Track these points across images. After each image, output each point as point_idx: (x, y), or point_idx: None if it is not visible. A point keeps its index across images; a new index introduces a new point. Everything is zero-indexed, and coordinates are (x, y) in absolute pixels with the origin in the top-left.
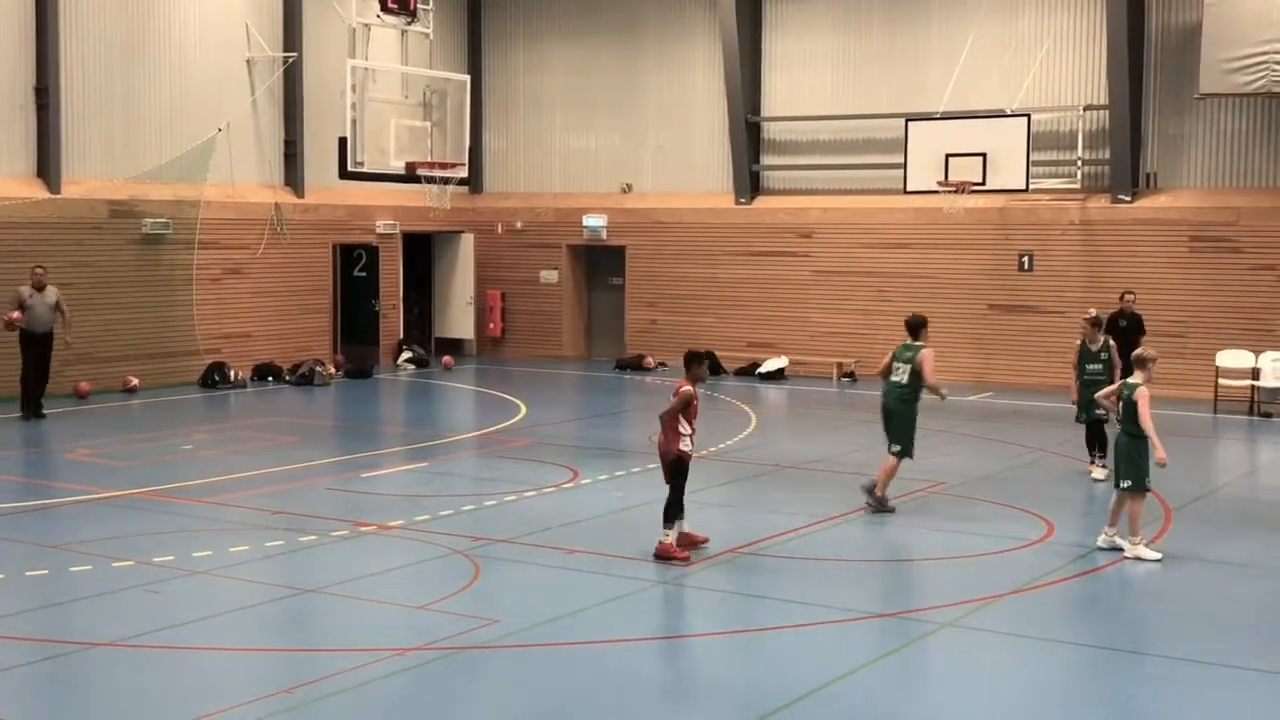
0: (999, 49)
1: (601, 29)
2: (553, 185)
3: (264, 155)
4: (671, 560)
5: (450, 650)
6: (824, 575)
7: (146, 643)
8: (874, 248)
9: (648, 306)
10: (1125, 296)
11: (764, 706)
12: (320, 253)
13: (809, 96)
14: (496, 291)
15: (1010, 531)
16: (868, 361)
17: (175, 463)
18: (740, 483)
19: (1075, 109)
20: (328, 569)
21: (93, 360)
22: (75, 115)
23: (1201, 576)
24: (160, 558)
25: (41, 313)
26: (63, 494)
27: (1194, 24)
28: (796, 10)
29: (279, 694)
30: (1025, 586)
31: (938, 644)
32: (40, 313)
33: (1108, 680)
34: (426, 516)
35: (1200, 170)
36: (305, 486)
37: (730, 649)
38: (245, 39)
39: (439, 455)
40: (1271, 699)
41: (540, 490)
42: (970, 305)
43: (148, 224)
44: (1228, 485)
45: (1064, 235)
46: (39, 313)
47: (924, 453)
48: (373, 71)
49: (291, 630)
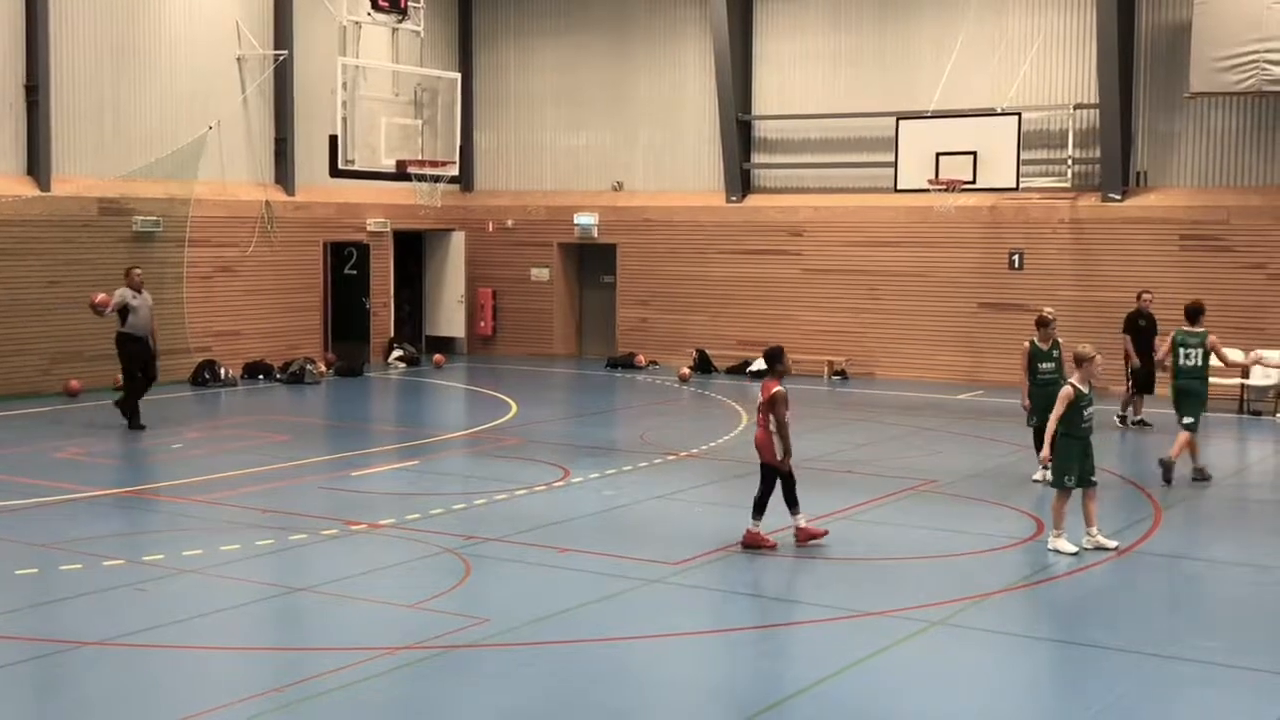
0: (989, 48)
1: (592, 27)
2: (544, 183)
3: (254, 153)
4: (761, 548)
5: (441, 649)
6: (813, 573)
7: (136, 641)
8: (865, 246)
9: (639, 305)
10: (1142, 296)
11: (754, 705)
12: (311, 251)
13: (800, 95)
14: (487, 290)
15: (1000, 530)
16: (859, 360)
17: (165, 461)
18: (731, 481)
19: (1065, 108)
20: (318, 567)
21: (83, 359)
22: (65, 113)
23: (1191, 575)
24: (150, 556)
25: (145, 316)
26: (52, 492)
27: (1184, 23)
28: (787, 8)
29: (269, 693)
30: (1015, 585)
31: (927, 642)
32: (144, 315)
33: (1097, 679)
34: (417, 515)
35: (1190, 169)
36: (296, 485)
37: (720, 647)
38: (236, 37)
39: (430, 454)
40: (1261, 698)
41: (531, 489)
42: (960, 304)
43: (138, 222)
44: (1217, 483)
45: (1054, 234)
46: (142, 315)
47: (914, 451)
48: (363, 69)
49: (282, 629)
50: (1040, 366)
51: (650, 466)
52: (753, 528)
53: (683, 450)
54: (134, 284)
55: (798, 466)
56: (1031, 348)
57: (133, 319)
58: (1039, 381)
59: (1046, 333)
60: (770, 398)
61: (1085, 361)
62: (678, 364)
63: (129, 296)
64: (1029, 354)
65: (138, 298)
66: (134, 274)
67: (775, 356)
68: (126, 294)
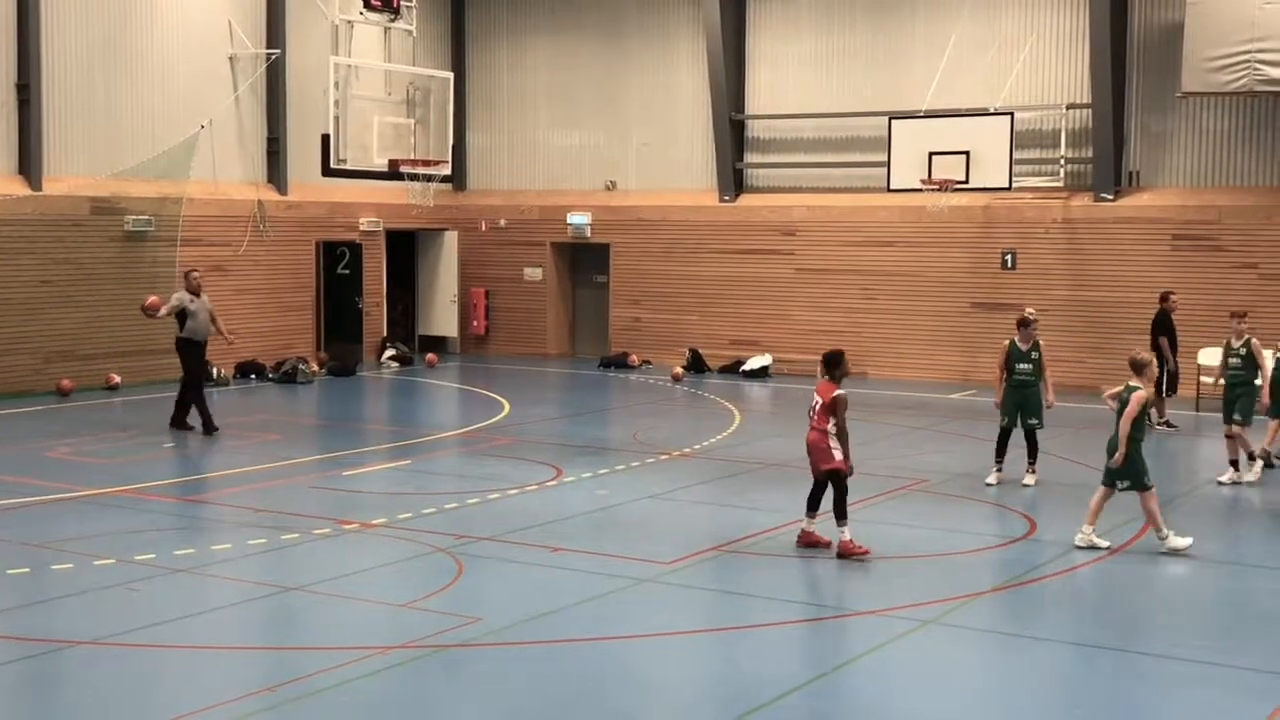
0: (982, 47)
1: (585, 26)
2: (536, 183)
3: (247, 152)
4: (854, 555)
5: (433, 649)
6: (805, 572)
7: (128, 641)
8: (857, 245)
9: (632, 304)
10: (1170, 297)
11: (746, 704)
12: (303, 250)
13: (793, 94)
14: (480, 289)
15: (992, 529)
16: (852, 359)
17: (157, 460)
18: (723, 480)
19: (1058, 107)
20: (310, 567)
21: (75, 358)
22: (57, 112)
23: (1182, 573)
24: (142, 556)
25: (204, 320)
26: (44, 492)
27: (1176, 23)
28: (780, 8)
29: (261, 692)
30: (1007, 584)
31: (919, 641)
32: (203, 320)
33: (1089, 677)
34: (409, 514)
35: (1182, 169)
36: (288, 484)
37: (712, 646)
38: (228, 36)
39: (422, 453)
40: (1251, 696)
41: (524, 488)
42: (953, 303)
43: (130, 221)
44: (1209, 483)
45: (1047, 234)
46: (202, 320)
47: (906, 450)
48: (356, 68)
49: (274, 628)
50: (1018, 367)
51: (643, 466)
52: (807, 526)
53: (675, 450)
54: (192, 287)
55: (790, 466)
56: (1011, 347)
57: (191, 323)
58: (1014, 382)
59: (1027, 333)
60: (832, 401)
61: (1146, 367)
62: (671, 363)
63: (186, 300)
64: (1007, 353)
65: (195, 301)
66: (192, 277)
67: (835, 360)
68: (184, 297)
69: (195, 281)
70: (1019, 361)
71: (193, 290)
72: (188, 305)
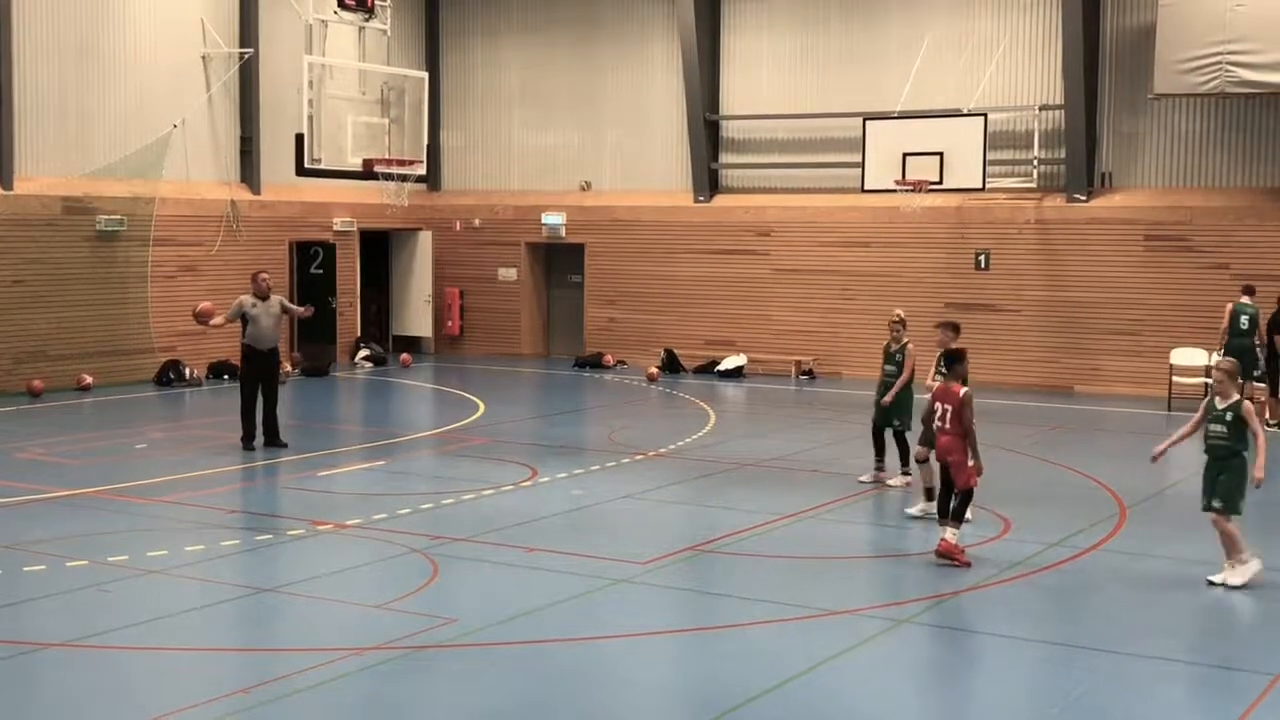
0: (956, 49)
1: (560, 26)
2: (511, 183)
3: (220, 152)
4: (954, 561)
5: (408, 649)
6: (781, 573)
7: (100, 643)
8: (832, 246)
9: (607, 304)
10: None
11: (721, 704)
12: (277, 250)
13: (767, 95)
14: (455, 289)
15: (966, 529)
16: (826, 360)
17: (130, 461)
18: (698, 480)
19: (1031, 109)
20: (284, 568)
21: (46, 358)
22: (28, 111)
23: (1155, 573)
24: (115, 557)
25: (267, 326)
26: (15, 493)
27: (1148, 25)
28: (755, 8)
29: (235, 694)
30: (981, 584)
31: (894, 641)
32: (265, 326)
33: (1062, 676)
34: (384, 515)
35: (1155, 170)
36: (262, 485)
37: (688, 647)
38: (201, 35)
39: (397, 454)
40: (1222, 695)
41: (499, 488)
42: (927, 303)
43: (102, 221)
44: (1181, 483)
45: (1020, 234)
46: (264, 325)
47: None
48: (330, 68)
49: (248, 630)
50: (885, 368)
51: (618, 466)
52: (949, 538)
53: (651, 450)
54: (260, 290)
55: (763, 465)
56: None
57: (252, 329)
58: (883, 382)
59: (895, 334)
60: (962, 400)
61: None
62: (646, 364)
63: (248, 305)
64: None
65: (258, 305)
66: (260, 278)
67: (958, 358)
68: (246, 302)
69: (264, 284)
70: (886, 363)
71: (260, 294)
72: (248, 310)
